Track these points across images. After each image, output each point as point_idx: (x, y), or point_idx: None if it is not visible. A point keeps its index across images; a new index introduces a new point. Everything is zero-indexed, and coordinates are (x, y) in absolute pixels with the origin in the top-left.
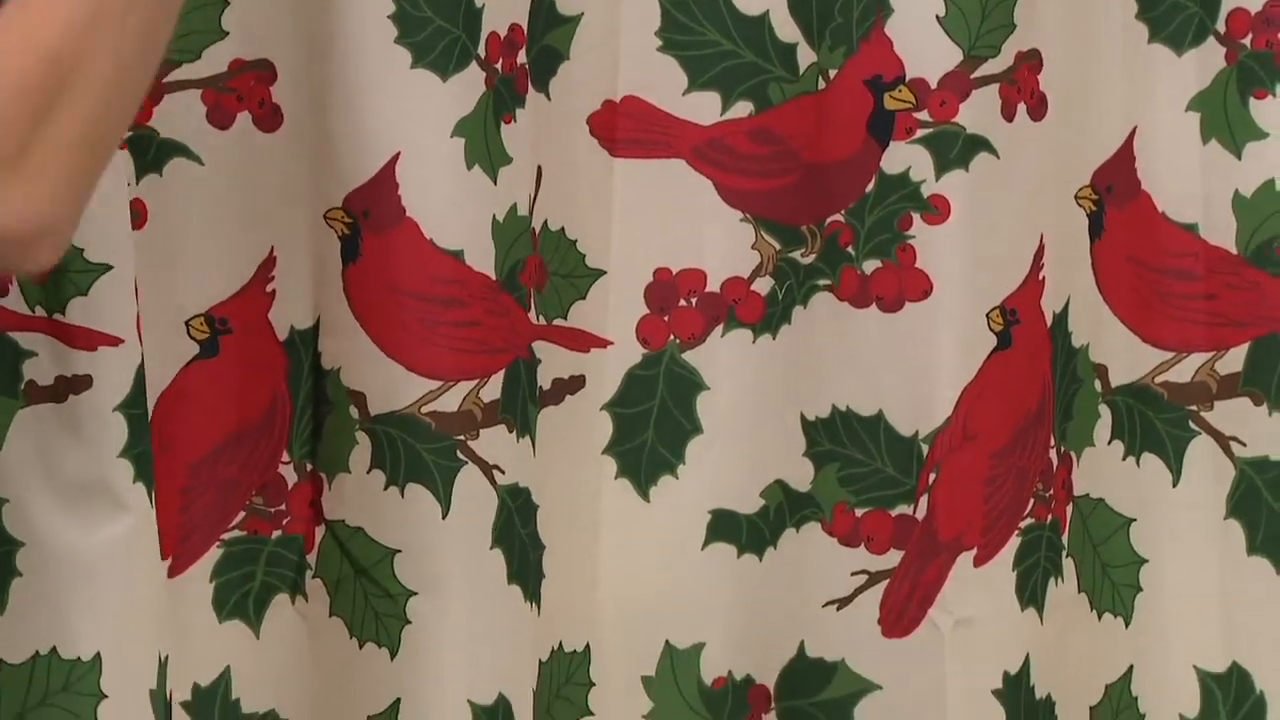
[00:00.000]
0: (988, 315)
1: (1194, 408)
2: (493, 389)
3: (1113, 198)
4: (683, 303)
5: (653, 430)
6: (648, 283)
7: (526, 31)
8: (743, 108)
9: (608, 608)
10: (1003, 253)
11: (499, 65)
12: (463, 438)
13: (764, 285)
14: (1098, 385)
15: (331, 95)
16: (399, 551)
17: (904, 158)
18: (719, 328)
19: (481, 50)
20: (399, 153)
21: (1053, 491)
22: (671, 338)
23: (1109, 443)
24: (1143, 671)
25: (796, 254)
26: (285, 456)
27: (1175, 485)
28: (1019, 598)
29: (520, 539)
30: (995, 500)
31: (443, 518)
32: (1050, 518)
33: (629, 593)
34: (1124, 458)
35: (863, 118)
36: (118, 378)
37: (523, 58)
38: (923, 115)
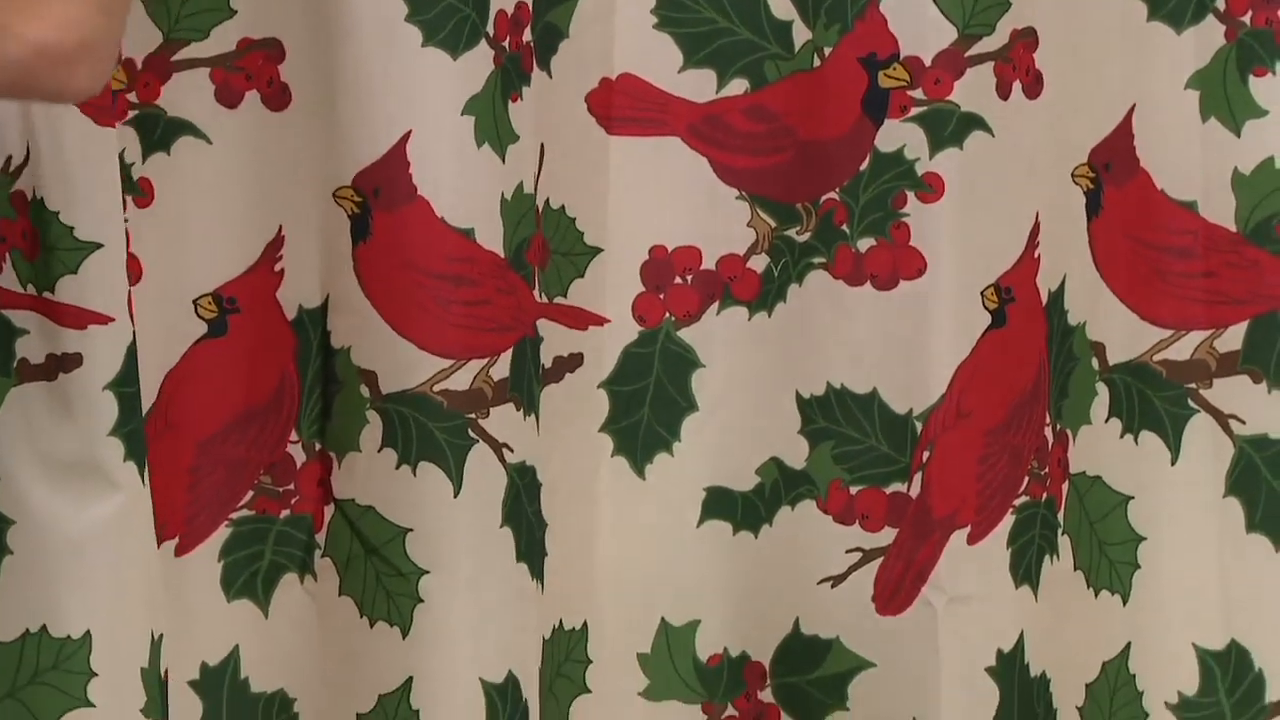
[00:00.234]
0: (982, 293)
1: (1193, 385)
2: (502, 367)
3: (1111, 175)
4: (678, 280)
5: (649, 408)
6: (644, 260)
7: (531, 8)
8: (738, 85)
9: (604, 585)
10: (997, 231)
11: (506, 43)
12: (474, 416)
13: (759, 263)
14: (1095, 363)
15: (341, 74)
16: (410, 530)
17: (898, 136)
18: (714, 305)
19: (490, 28)
20: (410, 131)
21: (1048, 469)
22: (667, 315)
23: (1106, 420)
24: (1141, 649)
25: (792, 231)
26: (294, 436)
27: (1174, 463)
28: (1013, 575)
29: (527, 517)
30: (989, 478)
31: (454, 496)
32: (1045, 495)
33: (625, 570)
34: (1122, 435)
35: (857, 95)
36: (108, 356)
37: (528, 35)
38: (917, 93)
